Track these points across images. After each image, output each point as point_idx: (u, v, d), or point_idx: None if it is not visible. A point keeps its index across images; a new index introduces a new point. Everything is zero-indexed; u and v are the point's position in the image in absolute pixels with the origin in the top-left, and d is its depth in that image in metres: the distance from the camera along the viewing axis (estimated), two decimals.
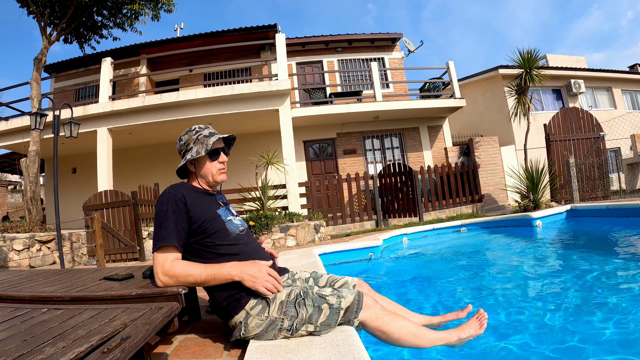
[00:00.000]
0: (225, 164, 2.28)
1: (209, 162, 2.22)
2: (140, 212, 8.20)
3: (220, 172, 2.26)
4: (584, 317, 3.01)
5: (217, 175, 2.25)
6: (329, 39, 15.87)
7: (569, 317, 3.05)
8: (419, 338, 2.05)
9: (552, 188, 10.25)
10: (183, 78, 15.69)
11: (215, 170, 2.24)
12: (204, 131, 2.23)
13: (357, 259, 6.09)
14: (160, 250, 1.94)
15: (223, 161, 2.26)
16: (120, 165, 12.44)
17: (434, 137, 14.91)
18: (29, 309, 1.78)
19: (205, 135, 2.21)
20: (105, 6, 11.25)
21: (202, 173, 2.23)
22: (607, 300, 3.31)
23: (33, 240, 8.19)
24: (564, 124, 10.97)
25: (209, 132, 2.23)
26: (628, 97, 19.69)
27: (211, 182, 2.26)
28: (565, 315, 3.11)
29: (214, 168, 2.23)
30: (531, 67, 11.04)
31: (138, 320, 1.52)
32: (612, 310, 3.05)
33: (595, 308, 3.16)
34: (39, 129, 8.44)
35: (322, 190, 10.42)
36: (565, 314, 3.13)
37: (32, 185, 9.54)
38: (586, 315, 3.04)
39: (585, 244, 6.15)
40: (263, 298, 1.92)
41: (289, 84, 10.53)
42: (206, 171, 2.23)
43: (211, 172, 2.23)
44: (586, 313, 3.08)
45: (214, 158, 2.23)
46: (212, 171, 2.23)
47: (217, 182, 2.28)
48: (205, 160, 2.22)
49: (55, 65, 15.60)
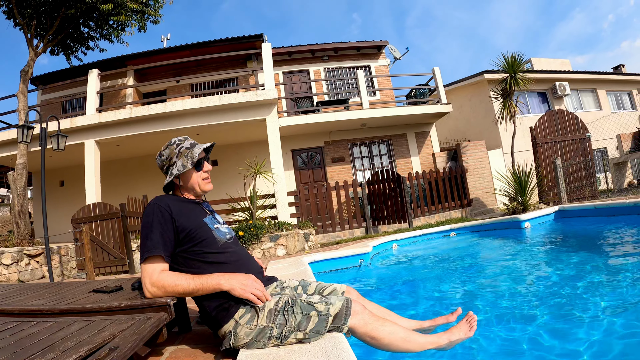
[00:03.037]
0: (209, 172, 2.30)
1: (195, 173, 2.23)
2: (129, 224, 8.16)
3: (206, 182, 2.28)
4: (573, 317, 3.04)
5: (204, 185, 2.27)
6: (315, 48, 15.95)
7: (558, 317, 3.09)
8: (409, 342, 2.05)
9: (540, 190, 10.35)
10: (170, 89, 15.65)
11: (201, 181, 2.25)
12: (184, 143, 2.23)
13: (347, 266, 6.10)
14: (147, 261, 1.94)
15: (207, 170, 2.28)
16: (108, 178, 12.37)
17: (422, 143, 15.01)
18: (19, 322, 1.78)
19: (187, 147, 2.21)
20: (91, 17, 11.20)
21: (188, 185, 2.24)
22: (596, 298, 3.35)
23: (21, 254, 8.10)
24: (549, 127, 11.09)
25: (190, 144, 2.23)
26: (613, 97, 19.96)
27: (198, 193, 2.27)
28: (554, 314, 3.14)
29: (199, 178, 2.24)
30: (516, 72, 11.15)
31: (126, 330, 1.53)
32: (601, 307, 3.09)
33: (584, 306, 3.20)
34: (26, 141, 8.36)
35: (311, 199, 10.43)
36: (554, 313, 3.17)
37: (20, 199, 9.44)
38: (575, 315, 3.07)
39: (574, 243, 6.23)
40: (252, 307, 1.93)
41: (276, 94, 10.56)
42: (193, 183, 2.23)
43: (197, 183, 2.24)
44: (576, 312, 3.12)
45: (199, 169, 2.24)
46: (198, 182, 2.24)
47: (205, 191, 2.29)
48: (191, 172, 2.22)
49: (42, 77, 15.50)
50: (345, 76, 16.34)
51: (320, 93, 14.14)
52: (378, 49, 16.84)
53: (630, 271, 3.93)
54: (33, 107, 10.62)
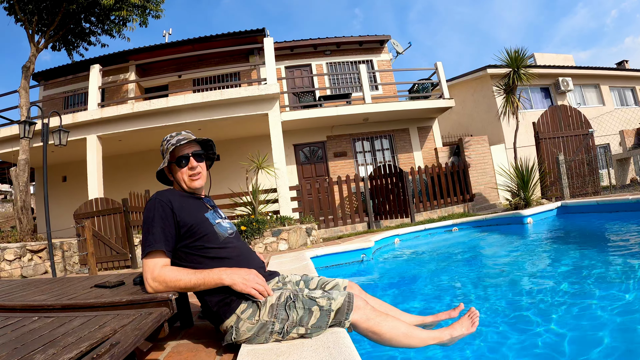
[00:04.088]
0: (196, 169, 2.23)
1: (179, 170, 2.21)
2: (131, 219, 8.17)
3: (192, 179, 2.23)
4: (576, 311, 3.04)
5: (190, 182, 2.23)
6: (318, 43, 15.92)
7: (559, 312, 3.08)
8: (411, 338, 2.04)
9: (543, 185, 10.32)
10: (172, 84, 15.63)
11: (186, 177, 2.22)
12: (173, 139, 2.22)
13: (349, 261, 6.11)
14: (149, 256, 1.94)
15: (192, 166, 2.22)
16: (110, 173, 12.37)
17: (424, 137, 14.97)
18: (20, 318, 1.78)
19: (173, 143, 2.20)
20: (93, 13, 11.18)
21: (176, 180, 2.25)
22: (599, 292, 3.34)
23: (24, 250, 8.13)
24: (552, 122, 11.05)
25: (176, 140, 2.21)
26: (616, 93, 19.87)
27: (186, 189, 2.25)
28: (555, 309, 3.14)
29: (184, 175, 2.21)
30: (519, 66, 11.11)
31: (128, 326, 1.52)
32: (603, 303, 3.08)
33: (587, 301, 3.19)
34: (28, 137, 8.36)
35: (313, 194, 10.42)
36: (556, 308, 3.16)
37: (22, 195, 9.45)
38: (579, 309, 3.07)
39: (576, 240, 6.21)
40: (254, 302, 1.92)
41: (278, 88, 10.54)
42: (178, 179, 2.23)
43: (182, 179, 2.22)
44: (579, 307, 3.11)
45: (182, 165, 2.21)
46: (183, 178, 2.22)
47: (191, 188, 2.24)
48: (175, 169, 2.22)
49: (44, 73, 15.48)
50: (347, 71, 16.31)
51: (323, 88, 14.12)
52: (380, 44, 16.80)
53: (632, 268, 3.91)
54: (35, 102, 10.64)
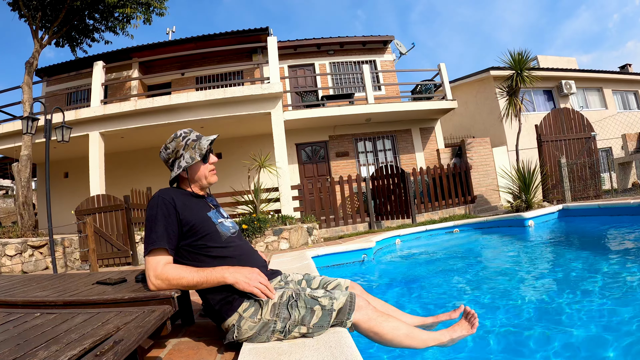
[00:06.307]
0: (214, 164, 2.30)
1: (202, 165, 2.23)
2: (132, 217, 8.17)
3: (212, 174, 2.28)
4: (577, 314, 3.03)
5: (210, 177, 2.27)
6: (321, 42, 15.92)
7: (560, 314, 3.08)
8: (412, 339, 2.05)
9: (544, 188, 10.32)
10: (175, 82, 15.64)
11: (208, 173, 2.25)
12: (190, 135, 2.22)
13: (350, 261, 6.10)
14: (151, 253, 1.94)
15: (214, 162, 2.29)
16: (112, 170, 12.39)
17: (426, 138, 14.97)
18: (22, 314, 1.78)
19: (194, 139, 2.21)
20: (97, 10, 11.18)
21: (196, 177, 2.23)
22: (599, 297, 3.34)
23: (25, 246, 8.13)
24: (555, 125, 11.04)
25: (196, 136, 2.24)
26: (619, 97, 19.85)
27: (204, 185, 2.27)
28: (555, 311, 3.13)
29: (206, 170, 2.24)
30: (522, 69, 11.11)
31: (131, 323, 1.52)
32: (604, 307, 3.08)
33: (588, 305, 3.19)
34: (30, 133, 8.37)
35: (314, 193, 10.43)
36: (556, 310, 3.16)
37: (24, 190, 9.46)
38: (579, 312, 3.06)
39: (577, 243, 6.20)
40: (256, 300, 1.92)
41: (281, 87, 10.54)
42: (200, 175, 2.23)
43: (204, 175, 2.24)
44: (579, 309, 3.11)
45: (206, 161, 2.24)
46: (205, 174, 2.24)
47: (211, 183, 2.29)
48: (199, 165, 2.22)
49: (47, 69, 15.52)
50: (350, 71, 16.31)
51: (326, 87, 14.11)
52: (384, 44, 16.80)
53: (633, 272, 3.91)
54: (38, 98, 10.62)
